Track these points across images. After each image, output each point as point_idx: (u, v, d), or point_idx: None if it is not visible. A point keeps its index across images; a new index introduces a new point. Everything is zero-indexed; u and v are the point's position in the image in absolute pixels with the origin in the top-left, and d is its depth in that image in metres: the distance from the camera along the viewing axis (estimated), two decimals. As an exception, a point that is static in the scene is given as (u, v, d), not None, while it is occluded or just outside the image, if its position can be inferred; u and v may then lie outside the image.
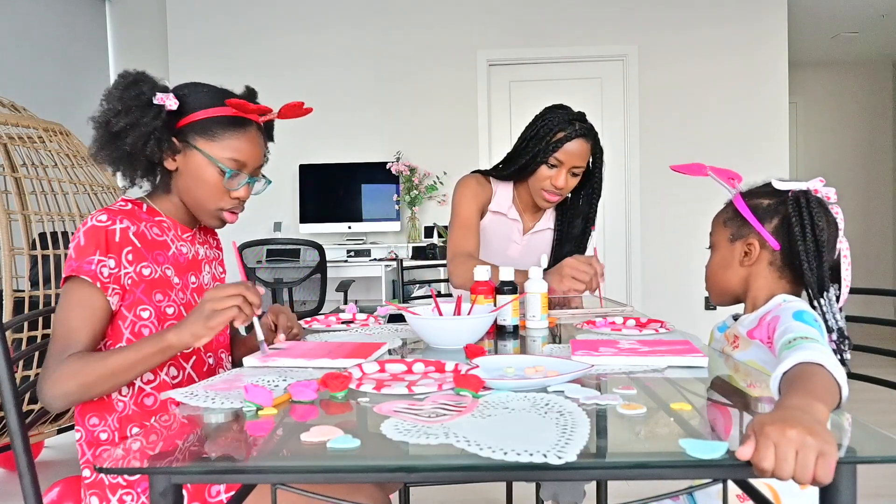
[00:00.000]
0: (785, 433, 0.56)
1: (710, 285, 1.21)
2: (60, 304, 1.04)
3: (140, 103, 1.08)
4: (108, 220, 1.07)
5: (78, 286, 1.04)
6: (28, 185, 2.41)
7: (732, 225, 1.15)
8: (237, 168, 1.15)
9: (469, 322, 1.08)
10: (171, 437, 0.67)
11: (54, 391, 0.98)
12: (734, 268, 1.14)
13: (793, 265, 1.09)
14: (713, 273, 1.19)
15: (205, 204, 1.16)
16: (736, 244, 1.14)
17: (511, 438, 0.61)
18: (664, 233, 4.34)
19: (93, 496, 1.06)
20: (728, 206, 1.18)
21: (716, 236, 1.19)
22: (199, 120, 1.12)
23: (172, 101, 1.11)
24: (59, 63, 4.09)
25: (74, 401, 1.00)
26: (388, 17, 4.40)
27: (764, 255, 1.11)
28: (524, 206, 1.84)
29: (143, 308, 1.10)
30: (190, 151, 1.13)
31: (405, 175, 4.23)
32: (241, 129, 1.15)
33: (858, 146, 6.00)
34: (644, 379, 0.86)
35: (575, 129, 1.66)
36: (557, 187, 1.68)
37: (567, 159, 1.66)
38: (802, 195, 1.08)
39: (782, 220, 1.09)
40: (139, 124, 1.08)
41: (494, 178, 1.83)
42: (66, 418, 2.36)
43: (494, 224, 1.83)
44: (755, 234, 1.11)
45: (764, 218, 1.11)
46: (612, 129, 4.39)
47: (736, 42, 4.28)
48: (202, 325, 0.98)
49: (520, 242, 1.84)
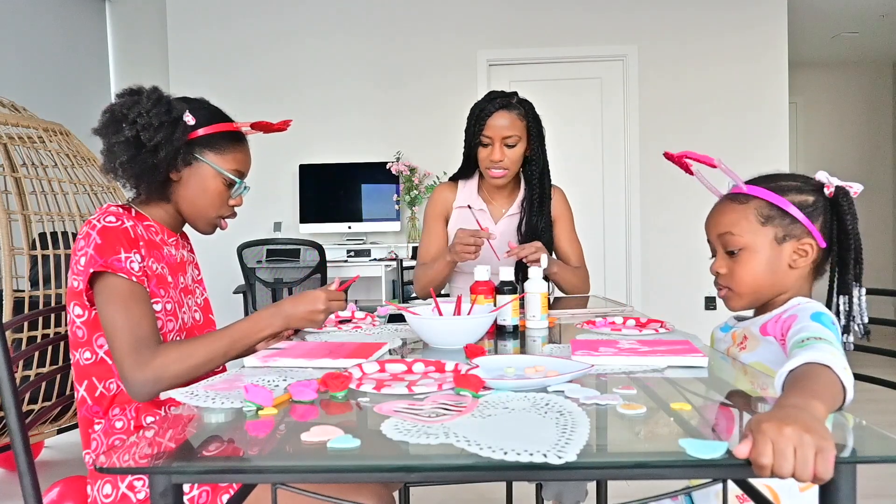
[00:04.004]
0: (782, 430, 0.56)
1: (747, 290, 1.09)
2: (107, 301, 1.07)
3: (170, 119, 1.15)
4: (116, 220, 1.12)
5: (117, 282, 1.08)
6: (28, 185, 2.41)
7: (779, 225, 1.05)
8: (240, 178, 1.25)
9: (469, 322, 1.09)
10: (172, 437, 0.67)
11: (160, 375, 1.04)
12: (783, 270, 1.06)
13: (825, 263, 1.07)
14: (754, 277, 1.07)
15: (207, 212, 1.24)
16: (785, 245, 1.05)
17: (511, 438, 0.61)
18: (664, 233, 4.34)
19: (106, 484, 1.08)
20: (756, 202, 1.06)
21: (747, 237, 1.06)
22: (208, 135, 1.21)
23: (190, 118, 1.18)
24: (59, 63, 4.09)
25: (177, 384, 1.05)
26: (388, 18, 4.40)
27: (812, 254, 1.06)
28: (493, 195, 1.91)
29: (156, 301, 1.15)
30: (198, 164, 1.20)
31: (405, 175, 4.23)
32: (242, 142, 1.27)
33: (858, 146, 6.00)
34: (644, 379, 0.86)
35: (494, 104, 1.74)
36: (494, 161, 1.75)
37: (495, 133, 1.73)
38: (843, 192, 1.03)
39: (828, 218, 1.05)
40: (171, 140, 1.14)
41: (459, 179, 1.93)
42: (67, 418, 2.36)
43: (461, 219, 1.89)
44: (809, 234, 1.04)
45: (813, 216, 1.04)
46: (612, 129, 4.39)
47: (736, 42, 4.28)
48: (305, 325, 1.17)
49: (493, 230, 1.87)
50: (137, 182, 1.17)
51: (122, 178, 1.17)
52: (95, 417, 1.13)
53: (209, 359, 1.09)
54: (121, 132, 1.12)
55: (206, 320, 1.33)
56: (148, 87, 1.18)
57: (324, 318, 1.17)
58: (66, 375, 1.26)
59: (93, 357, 1.13)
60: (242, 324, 1.14)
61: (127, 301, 1.07)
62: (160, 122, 1.13)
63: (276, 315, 1.15)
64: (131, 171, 1.15)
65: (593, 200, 4.40)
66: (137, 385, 1.04)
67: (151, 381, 1.04)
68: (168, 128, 1.14)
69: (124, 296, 1.07)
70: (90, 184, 2.57)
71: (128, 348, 1.05)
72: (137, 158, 1.13)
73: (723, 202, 1.13)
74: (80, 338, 1.12)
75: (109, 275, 1.07)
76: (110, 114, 1.15)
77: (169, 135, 1.14)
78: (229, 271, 3.99)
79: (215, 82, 4.38)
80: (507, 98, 1.76)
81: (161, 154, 1.14)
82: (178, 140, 1.15)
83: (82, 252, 1.08)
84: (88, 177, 2.59)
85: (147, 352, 1.05)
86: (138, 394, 1.05)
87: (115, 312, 1.06)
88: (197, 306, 1.31)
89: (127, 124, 1.13)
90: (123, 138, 1.12)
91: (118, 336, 1.05)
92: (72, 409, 2.31)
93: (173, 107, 1.17)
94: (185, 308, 1.26)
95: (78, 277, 1.08)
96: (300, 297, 1.17)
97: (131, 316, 1.06)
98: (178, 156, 1.17)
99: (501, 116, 1.73)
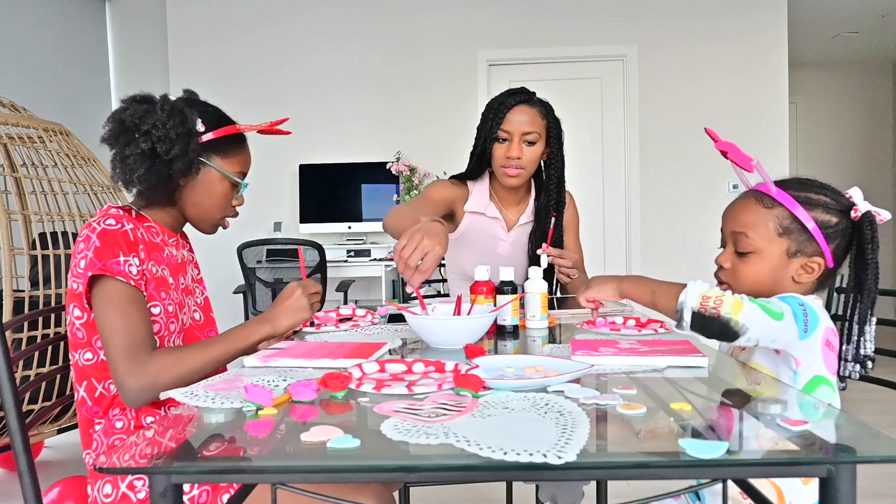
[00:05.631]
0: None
1: (745, 292, 1.05)
2: (104, 305, 1.07)
3: (185, 131, 1.15)
4: (116, 223, 1.11)
5: (115, 286, 1.07)
6: (28, 185, 2.41)
7: (794, 240, 1.03)
8: (243, 180, 1.26)
9: (469, 322, 1.08)
10: (171, 437, 0.67)
11: (154, 381, 1.04)
12: (785, 281, 1.05)
13: (827, 280, 1.07)
14: (756, 282, 1.07)
15: (213, 214, 1.25)
16: (794, 260, 1.04)
17: (511, 438, 0.61)
18: (664, 233, 4.34)
19: (106, 484, 1.08)
20: (779, 211, 1.04)
21: (761, 243, 1.05)
22: (214, 140, 1.21)
23: (201, 126, 1.19)
24: (59, 63, 4.09)
25: (170, 389, 1.03)
26: (388, 18, 4.40)
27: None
28: (503, 201, 1.81)
29: (154, 304, 1.16)
30: (205, 169, 1.21)
31: (405, 175, 4.23)
32: (244, 143, 1.27)
33: (858, 146, 6.00)
34: (644, 379, 0.86)
35: (515, 98, 1.65)
36: (512, 157, 1.65)
37: (514, 128, 1.64)
38: (868, 218, 1.02)
39: (846, 243, 1.04)
40: (188, 151, 1.15)
41: (468, 179, 1.81)
42: (67, 418, 2.36)
43: (475, 224, 1.80)
44: (820, 254, 1.03)
45: (830, 238, 1.03)
46: (612, 129, 4.39)
47: (736, 42, 4.28)
48: (295, 318, 1.18)
49: (506, 239, 1.81)
50: (151, 192, 1.17)
51: (137, 187, 1.17)
52: (95, 418, 1.13)
53: (203, 365, 1.10)
54: (135, 143, 1.12)
55: (206, 319, 1.33)
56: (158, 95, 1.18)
57: (308, 302, 1.19)
58: (66, 375, 1.26)
59: (93, 358, 1.13)
60: (234, 331, 1.16)
61: (124, 306, 1.07)
62: (177, 135, 1.13)
63: (263, 321, 1.17)
64: (147, 183, 1.15)
65: (593, 200, 4.40)
66: (132, 392, 1.05)
67: (146, 388, 1.05)
68: (184, 139, 1.14)
69: (121, 300, 1.07)
70: (90, 184, 2.57)
71: (123, 354, 1.05)
72: (153, 170, 1.13)
73: (747, 198, 1.10)
74: (80, 339, 1.12)
75: (108, 278, 1.07)
76: (119, 123, 1.14)
77: (185, 146, 1.14)
78: (229, 271, 3.99)
79: (215, 82, 4.38)
80: (529, 94, 1.68)
81: (177, 165, 1.14)
82: (194, 151, 1.16)
83: (82, 255, 1.08)
84: (88, 177, 2.59)
85: (142, 357, 1.05)
86: (132, 400, 1.06)
87: (111, 317, 1.06)
88: (197, 306, 1.31)
89: (141, 135, 1.12)
90: (139, 150, 1.12)
91: (114, 341, 1.05)
92: (72, 409, 2.31)
93: (187, 117, 1.16)
94: (185, 308, 1.26)
95: (78, 280, 1.08)
96: (276, 298, 1.21)
97: (127, 321, 1.06)
98: (192, 165, 1.17)
99: (522, 111, 1.64)
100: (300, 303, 1.18)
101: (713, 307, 0.94)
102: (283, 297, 1.19)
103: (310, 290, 1.20)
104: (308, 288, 1.20)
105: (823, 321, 0.98)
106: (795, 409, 0.72)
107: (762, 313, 0.93)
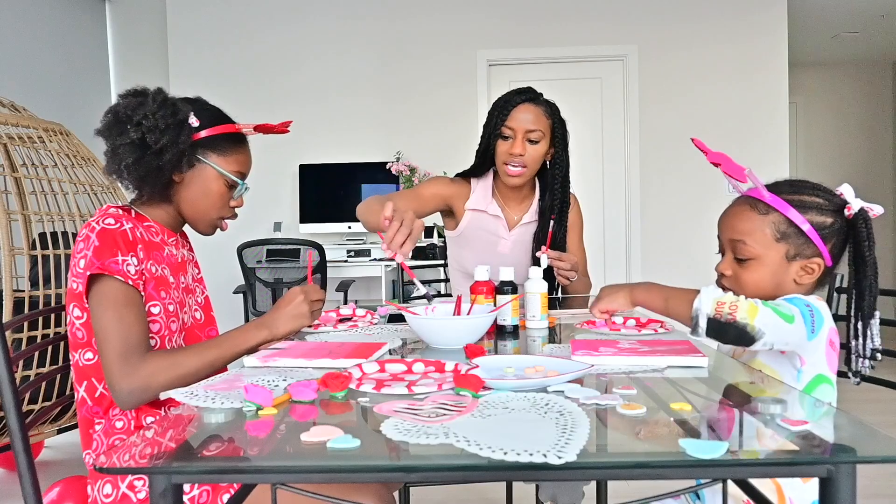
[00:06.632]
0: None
1: (748, 297, 1.05)
2: (101, 305, 1.06)
3: (176, 122, 1.14)
4: (115, 222, 1.11)
5: (113, 285, 1.07)
6: (28, 185, 2.41)
7: (792, 243, 1.04)
8: (241, 180, 1.24)
9: (469, 322, 1.08)
10: (171, 437, 0.66)
11: (147, 384, 1.04)
12: (787, 283, 1.06)
13: (826, 278, 1.07)
14: (757, 287, 1.07)
15: (209, 214, 1.24)
16: (794, 262, 1.05)
17: (511, 438, 0.61)
18: (664, 233, 4.34)
19: (106, 484, 1.08)
20: (775, 216, 1.04)
21: (759, 249, 1.06)
22: (211, 137, 1.20)
23: (195, 120, 1.18)
24: (59, 63, 4.09)
25: (163, 392, 1.04)
26: (388, 17, 4.40)
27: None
28: (506, 200, 1.81)
29: (154, 304, 1.15)
30: (201, 166, 1.20)
31: (405, 175, 4.23)
32: (244, 144, 1.27)
33: (858, 146, 6.00)
34: (644, 379, 0.86)
35: (520, 96, 1.67)
36: (514, 154, 1.65)
37: (518, 125, 1.65)
38: (862, 215, 1.01)
39: (842, 241, 1.04)
40: (177, 143, 1.14)
41: (472, 177, 1.81)
42: (67, 418, 2.36)
43: (475, 222, 1.80)
44: (819, 254, 1.04)
45: (827, 238, 1.04)
46: (612, 128, 4.39)
47: (736, 42, 4.28)
48: (294, 324, 1.16)
49: (508, 238, 1.80)
50: (141, 184, 1.17)
51: (125, 179, 1.16)
52: (95, 417, 1.13)
53: (197, 369, 1.09)
54: (126, 134, 1.12)
55: (207, 318, 1.33)
56: (152, 88, 1.18)
57: (309, 309, 1.18)
58: (66, 375, 1.26)
59: (93, 358, 1.12)
60: (232, 334, 1.15)
61: (120, 306, 1.07)
62: (166, 125, 1.13)
63: (261, 326, 1.16)
64: (136, 174, 1.14)
65: (593, 200, 4.40)
66: (124, 394, 1.04)
67: (138, 391, 1.05)
68: (174, 130, 1.13)
69: (118, 300, 1.07)
70: (90, 184, 2.57)
71: (116, 355, 1.04)
72: (142, 161, 1.13)
73: (741, 205, 1.10)
74: (80, 339, 1.12)
75: (106, 277, 1.07)
76: (114, 115, 1.14)
77: (174, 137, 1.13)
78: (229, 271, 3.99)
79: (215, 83, 4.38)
80: (535, 94, 1.69)
81: (166, 156, 1.13)
82: (184, 142, 1.15)
83: (81, 254, 1.08)
84: (88, 177, 2.59)
85: (134, 360, 1.05)
86: (124, 401, 1.05)
87: (107, 318, 1.06)
88: (198, 305, 1.31)
89: (132, 126, 1.12)
90: (129, 140, 1.12)
91: (108, 342, 1.05)
92: (72, 409, 2.31)
93: (178, 108, 1.16)
94: (186, 308, 1.26)
95: (77, 280, 1.08)
96: (277, 302, 1.19)
97: (123, 323, 1.06)
98: (183, 158, 1.17)
99: (527, 110, 1.65)
100: (300, 309, 1.17)
101: (728, 313, 0.94)
102: (284, 301, 1.18)
103: (312, 297, 1.19)
104: (310, 294, 1.19)
105: (828, 321, 0.99)
106: (795, 409, 0.72)
107: (776, 317, 0.93)
